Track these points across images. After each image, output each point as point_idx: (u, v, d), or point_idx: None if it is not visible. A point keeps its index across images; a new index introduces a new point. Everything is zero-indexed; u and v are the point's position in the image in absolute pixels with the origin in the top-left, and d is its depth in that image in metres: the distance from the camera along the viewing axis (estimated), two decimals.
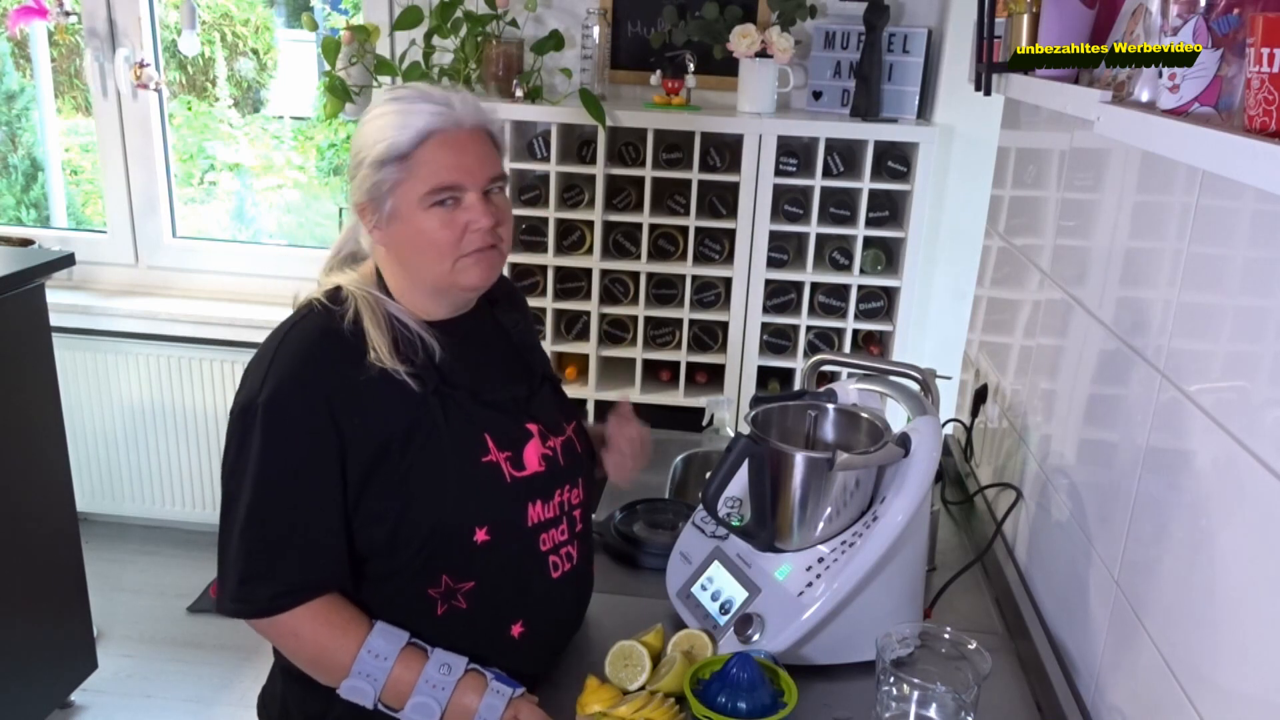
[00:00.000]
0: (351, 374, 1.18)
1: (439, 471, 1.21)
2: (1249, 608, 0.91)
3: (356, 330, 1.20)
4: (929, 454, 1.29)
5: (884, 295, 2.73)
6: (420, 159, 1.18)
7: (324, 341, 1.20)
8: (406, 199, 1.19)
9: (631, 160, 2.69)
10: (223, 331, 3.05)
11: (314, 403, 1.17)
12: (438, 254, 1.21)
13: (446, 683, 1.18)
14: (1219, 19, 0.90)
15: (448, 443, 1.21)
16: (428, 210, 1.19)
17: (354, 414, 1.18)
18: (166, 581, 3.06)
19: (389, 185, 1.19)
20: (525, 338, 1.39)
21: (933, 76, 2.72)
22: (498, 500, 1.24)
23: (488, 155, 1.23)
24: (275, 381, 1.17)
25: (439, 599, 1.24)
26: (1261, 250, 0.94)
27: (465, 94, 1.23)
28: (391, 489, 1.20)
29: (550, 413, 1.34)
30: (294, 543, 1.18)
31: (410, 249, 1.22)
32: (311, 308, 1.23)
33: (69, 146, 3.62)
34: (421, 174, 1.18)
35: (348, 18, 3.25)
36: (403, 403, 1.20)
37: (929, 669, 1.21)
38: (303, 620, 1.19)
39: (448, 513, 1.21)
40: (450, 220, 1.20)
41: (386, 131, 1.18)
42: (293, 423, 1.17)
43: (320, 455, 1.17)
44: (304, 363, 1.19)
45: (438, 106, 1.19)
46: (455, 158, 1.19)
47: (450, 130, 1.19)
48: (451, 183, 1.19)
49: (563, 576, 1.32)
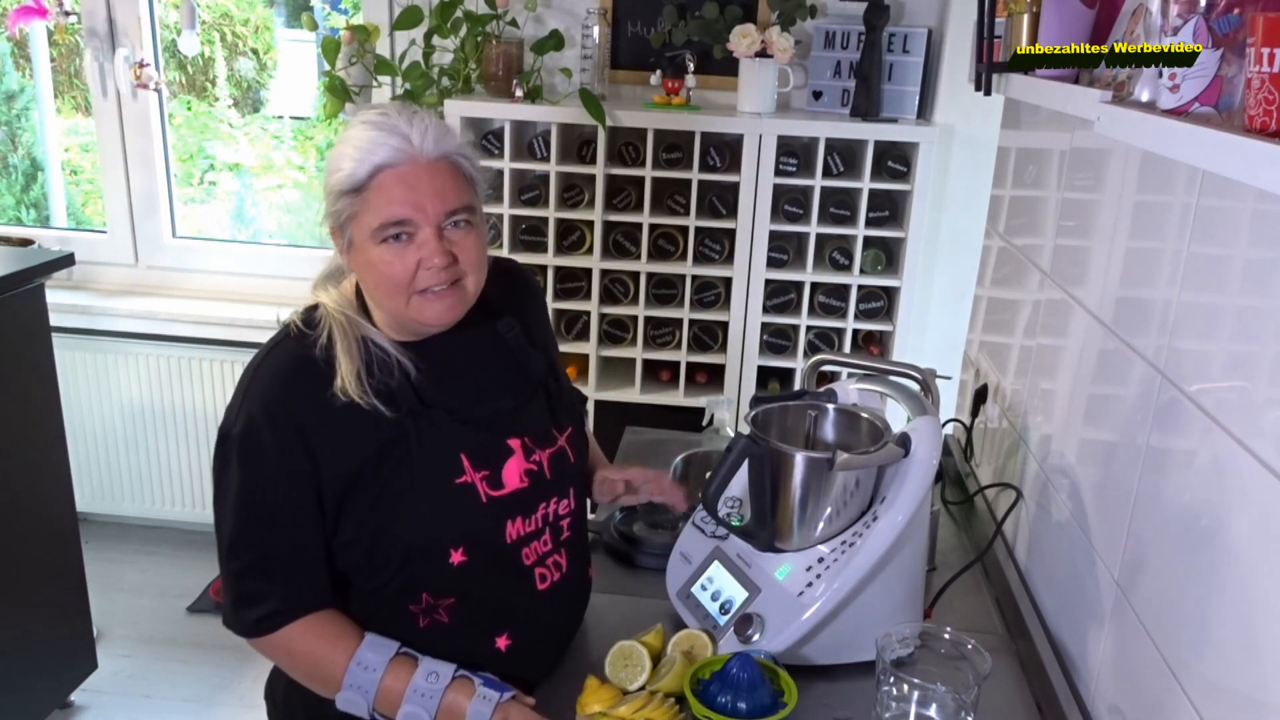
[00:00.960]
0: (323, 403, 1.18)
1: (411, 494, 1.21)
2: (1249, 607, 0.91)
3: (328, 356, 1.20)
4: (929, 454, 1.29)
5: (884, 295, 2.73)
6: (372, 192, 1.17)
7: (295, 371, 1.20)
8: (360, 231, 1.19)
9: (631, 160, 2.68)
10: (222, 331, 3.05)
11: (286, 434, 1.18)
12: (391, 289, 1.20)
13: (434, 691, 1.19)
14: (1219, 19, 0.90)
15: (420, 466, 1.21)
16: (379, 245, 1.18)
17: (326, 442, 1.18)
18: (166, 581, 3.06)
19: (346, 215, 1.19)
20: (522, 343, 1.35)
21: (933, 76, 2.72)
22: (472, 521, 1.24)
23: (447, 188, 1.18)
24: (248, 414, 1.19)
25: (420, 614, 1.25)
26: (1261, 250, 0.94)
27: (432, 122, 1.20)
28: (365, 513, 1.21)
29: (540, 423, 1.33)
30: (276, 569, 1.21)
31: (368, 280, 1.22)
32: (287, 333, 1.24)
33: (69, 146, 3.62)
34: (372, 207, 1.17)
35: (348, 18, 3.25)
36: (375, 428, 1.20)
37: (929, 669, 1.21)
38: (294, 637, 1.21)
39: (421, 535, 1.22)
40: (401, 255, 1.18)
41: (345, 162, 1.17)
42: (266, 455, 1.18)
43: (294, 485, 1.19)
44: (276, 394, 1.20)
45: (397, 139, 1.16)
46: (406, 193, 1.17)
47: (404, 165, 1.17)
48: (400, 218, 1.17)
49: (551, 587, 1.31)
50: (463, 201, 1.20)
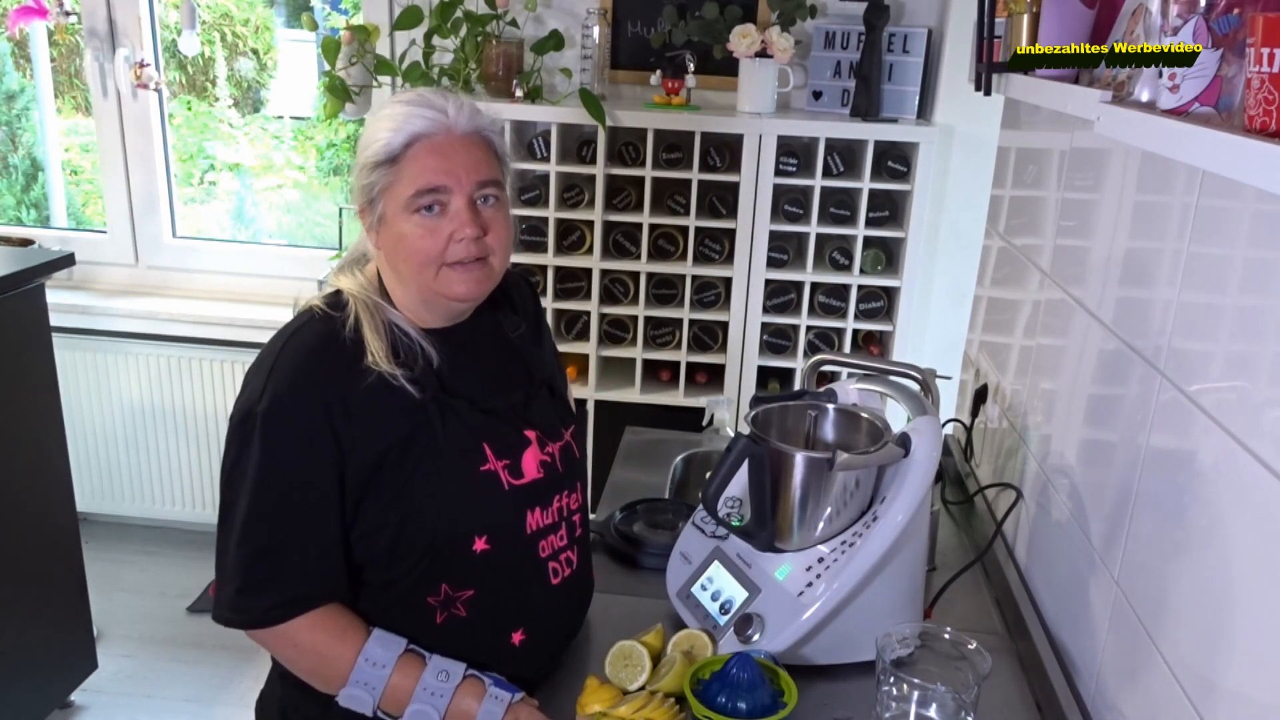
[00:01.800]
0: (350, 383, 1.17)
1: (437, 481, 1.20)
2: (1249, 607, 0.91)
3: (355, 337, 1.19)
4: (929, 454, 1.29)
5: (884, 295, 2.73)
6: (407, 161, 1.18)
7: (323, 350, 1.19)
8: (393, 202, 1.19)
9: (631, 160, 2.68)
10: (222, 331, 3.05)
11: (313, 413, 1.16)
12: (421, 261, 1.20)
13: (445, 690, 1.18)
14: (1219, 19, 0.90)
15: (446, 452, 1.21)
16: (411, 215, 1.19)
17: (353, 424, 1.17)
18: (166, 581, 3.06)
19: (379, 188, 1.19)
20: (525, 341, 1.37)
21: (933, 76, 2.72)
22: (496, 509, 1.24)
23: (479, 160, 1.21)
24: (274, 390, 1.16)
25: (438, 607, 1.24)
26: (1261, 250, 0.94)
27: (466, 100, 1.22)
28: (390, 499, 1.20)
29: (548, 418, 1.33)
30: (291, 554, 1.18)
31: (398, 254, 1.21)
32: (312, 314, 1.23)
33: (69, 146, 3.62)
34: (406, 176, 1.18)
35: (348, 18, 3.25)
36: (401, 411, 1.19)
37: (929, 669, 1.21)
38: (300, 630, 1.19)
39: (447, 523, 1.21)
40: (434, 228, 1.19)
41: (381, 134, 1.18)
42: (291, 433, 1.16)
43: (318, 466, 1.17)
44: (303, 372, 1.18)
45: (433, 112, 1.19)
46: (441, 161, 1.18)
47: (439, 135, 1.18)
48: (435, 184, 1.18)
49: (563, 582, 1.31)
50: (494, 175, 1.22)
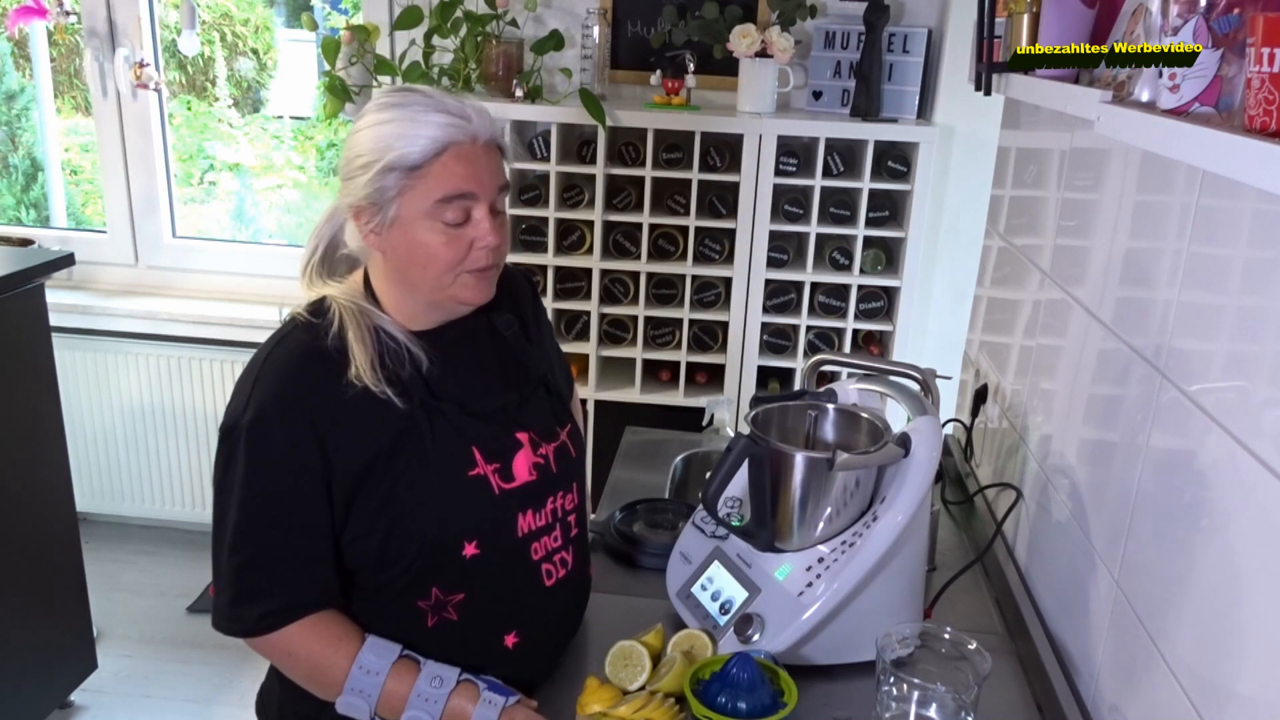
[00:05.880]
0: (335, 392, 1.17)
1: (425, 487, 1.20)
2: (1249, 607, 0.91)
3: (340, 346, 1.19)
4: (929, 454, 1.29)
5: (884, 295, 2.73)
6: (433, 170, 1.16)
7: (307, 360, 1.19)
8: (412, 207, 1.17)
9: (631, 160, 2.68)
10: (222, 331, 3.05)
11: (297, 424, 1.16)
12: (442, 267, 1.19)
13: (439, 695, 1.18)
14: (1219, 19, 0.90)
15: (434, 457, 1.21)
16: (433, 221, 1.17)
17: (338, 433, 1.17)
18: (166, 581, 3.06)
19: (394, 191, 1.16)
20: (520, 339, 1.36)
21: (933, 76, 2.72)
22: (486, 513, 1.24)
23: (498, 168, 1.22)
24: (259, 403, 1.17)
25: (429, 611, 1.24)
26: (1261, 250, 0.94)
27: (478, 104, 1.21)
28: (378, 506, 1.20)
29: (543, 417, 1.33)
30: (281, 564, 1.19)
31: (409, 258, 1.20)
32: (295, 324, 1.22)
33: (69, 146, 3.62)
34: (432, 182, 1.16)
35: (348, 17, 3.25)
36: (387, 419, 1.19)
37: (929, 669, 1.21)
38: (294, 638, 1.19)
39: (435, 528, 1.21)
40: (457, 235, 1.18)
41: (395, 140, 1.15)
42: (276, 445, 1.17)
43: (305, 476, 1.17)
44: (287, 383, 1.18)
45: (455, 119, 1.17)
46: (469, 168, 1.17)
47: (466, 143, 1.17)
48: (465, 190, 1.17)
49: (557, 584, 1.31)
50: (506, 180, 1.24)
